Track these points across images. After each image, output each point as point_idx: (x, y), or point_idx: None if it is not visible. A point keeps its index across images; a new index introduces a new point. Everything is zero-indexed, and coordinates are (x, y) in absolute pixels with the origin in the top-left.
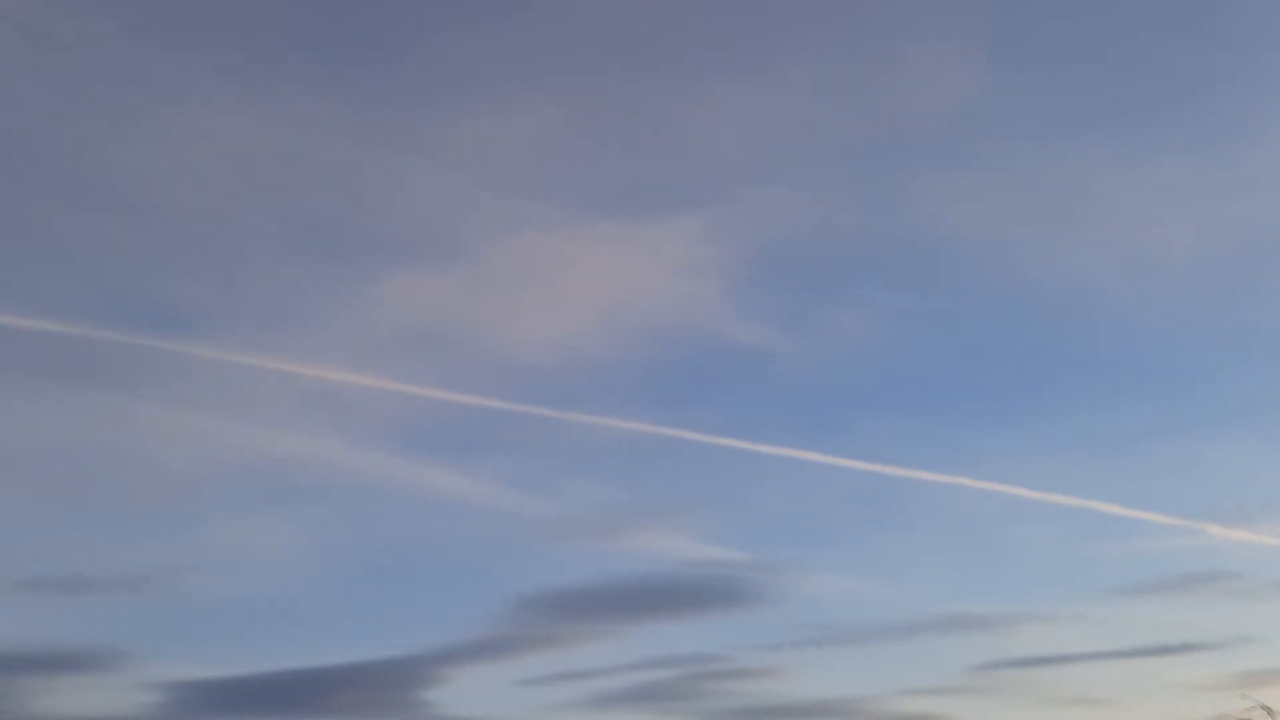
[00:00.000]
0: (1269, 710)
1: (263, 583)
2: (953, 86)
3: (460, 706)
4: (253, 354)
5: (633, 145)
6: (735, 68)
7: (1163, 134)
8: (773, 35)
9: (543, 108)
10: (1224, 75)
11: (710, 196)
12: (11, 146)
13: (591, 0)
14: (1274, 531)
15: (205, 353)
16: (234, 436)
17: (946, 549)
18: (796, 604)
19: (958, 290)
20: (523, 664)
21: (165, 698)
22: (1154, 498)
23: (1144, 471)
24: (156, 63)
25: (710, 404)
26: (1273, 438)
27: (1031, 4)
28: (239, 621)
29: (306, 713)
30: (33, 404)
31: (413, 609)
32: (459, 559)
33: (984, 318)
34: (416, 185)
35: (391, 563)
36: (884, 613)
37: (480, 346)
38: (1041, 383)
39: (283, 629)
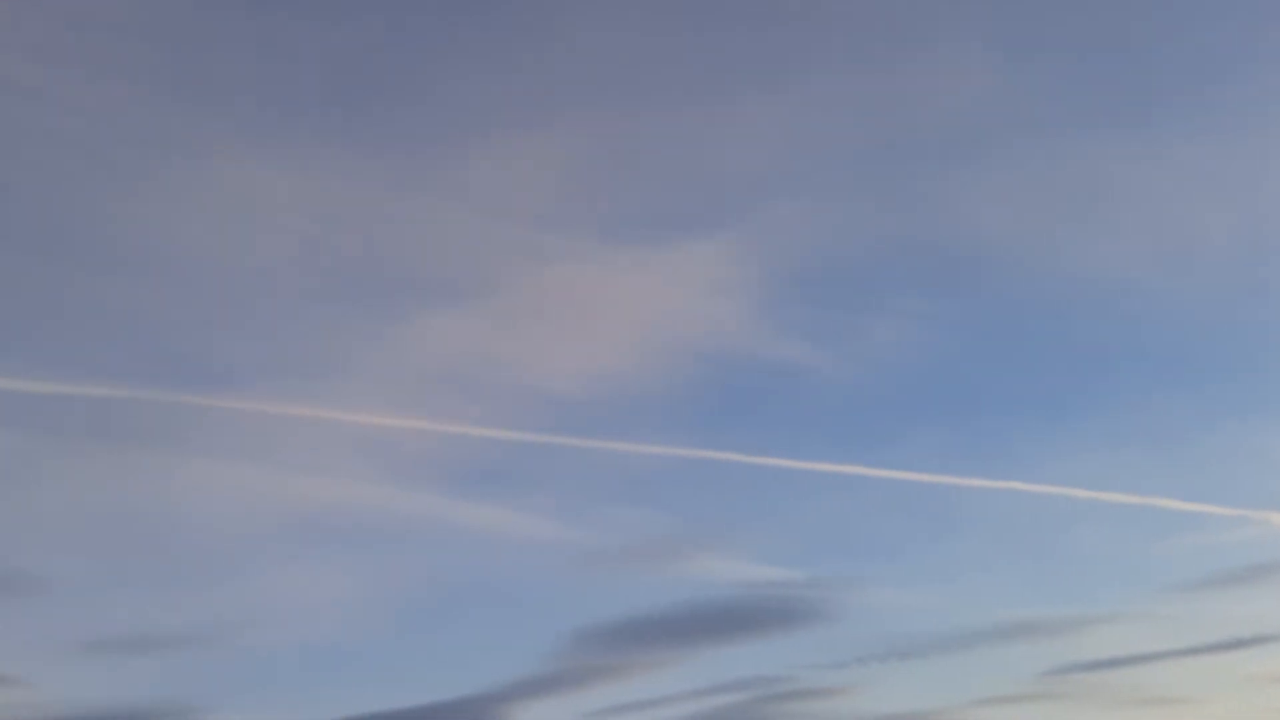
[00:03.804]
0: None
1: (320, 630)
2: (970, 86)
3: None
4: (292, 403)
5: (653, 170)
6: (748, 85)
7: (1191, 121)
8: (783, 50)
9: (560, 139)
10: (1254, 57)
11: (734, 215)
12: (36, 214)
13: (599, 29)
14: None
15: (245, 405)
16: (281, 486)
17: (1005, 555)
18: (856, 620)
19: (992, 292)
20: (586, 697)
21: None
22: (1212, 489)
23: (1199, 464)
24: (173, 121)
25: (751, 424)
26: None
27: None
28: (300, 670)
29: None
30: (80, 468)
31: (470, 648)
32: (511, 595)
33: (1021, 318)
34: (441, 224)
35: (445, 603)
36: (947, 623)
37: (516, 381)
38: (1087, 380)
39: (343, 676)
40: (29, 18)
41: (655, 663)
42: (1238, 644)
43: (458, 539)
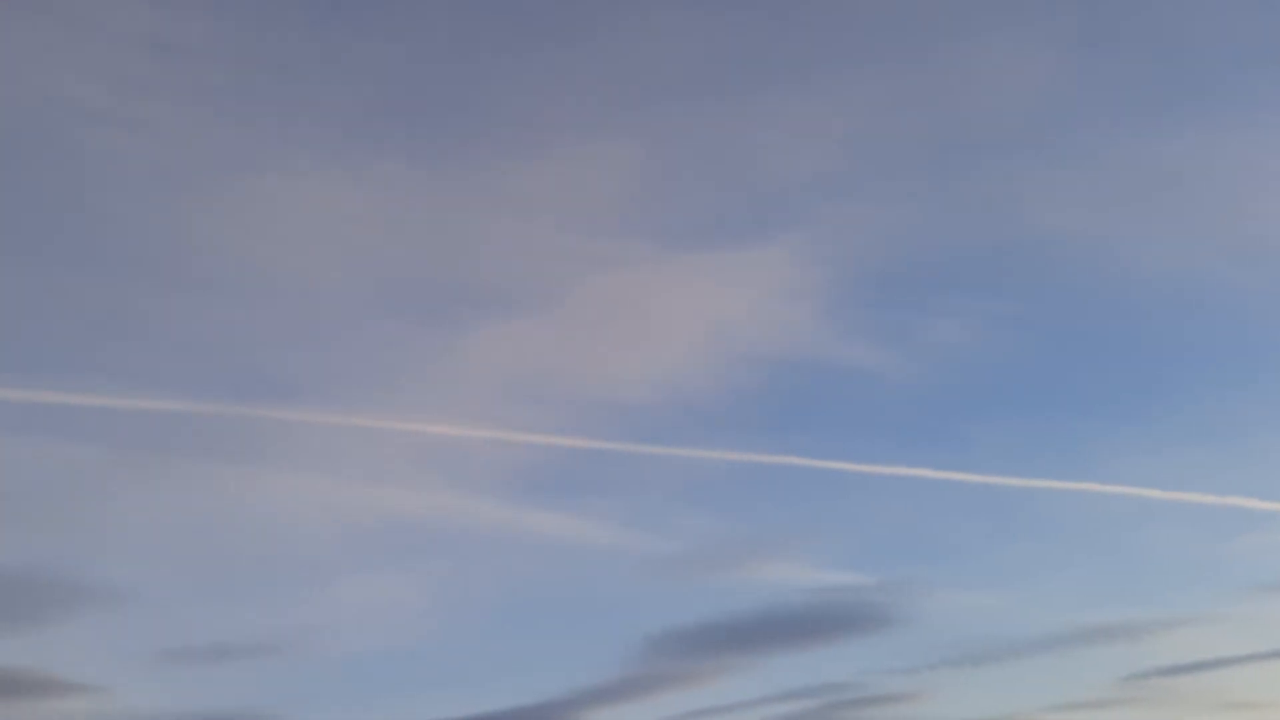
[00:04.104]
0: None
1: (392, 638)
2: (1031, 81)
3: None
4: (362, 415)
5: (712, 175)
6: (805, 86)
7: (1258, 111)
8: (840, 50)
9: (620, 146)
10: None
11: (796, 218)
12: (109, 235)
13: (656, 36)
14: None
15: (317, 417)
16: (353, 497)
17: (1078, 557)
18: (928, 624)
19: (1059, 289)
20: (657, 704)
21: None
22: None
23: (1276, 460)
24: (237, 141)
25: (817, 428)
26: None
27: None
28: (374, 678)
29: None
30: (158, 481)
31: (543, 655)
32: (582, 602)
33: (1090, 315)
34: (502, 235)
35: (515, 610)
36: (1020, 627)
37: (581, 388)
38: (1158, 378)
39: (416, 683)
40: (96, 45)
41: (726, 669)
42: None
43: (528, 547)
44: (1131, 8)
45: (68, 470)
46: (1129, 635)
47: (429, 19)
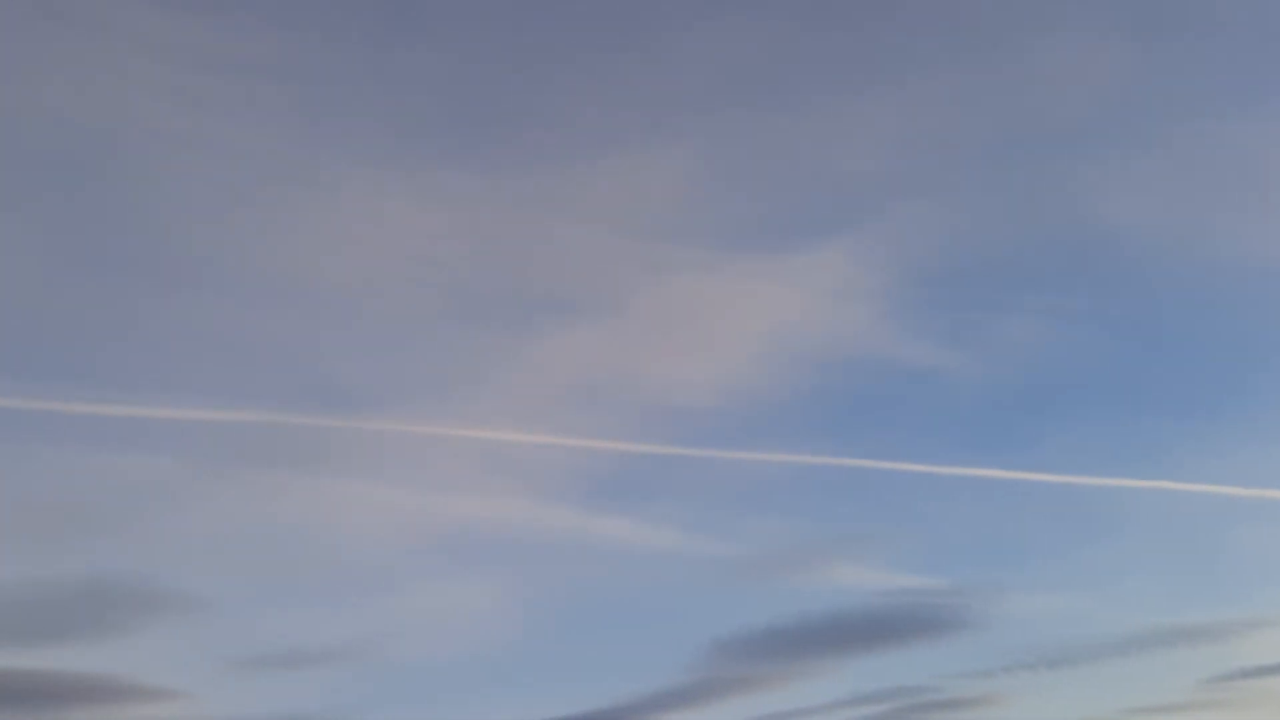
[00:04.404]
0: None
1: (463, 644)
2: (1099, 72)
3: None
4: (430, 423)
5: (770, 175)
6: (863, 84)
7: None
8: (898, 46)
9: (676, 150)
10: None
11: (855, 218)
12: (173, 249)
13: (712, 37)
14: None
15: (386, 426)
16: (422, 504)
17: (1157, 557)
18: (1003, 627)
19: (1133, 283)
20: (727, 709)
21: None
22: None
23: None
24: (307, 156)
25: (884, 429)
26: None
27: None
28: (446, 683)
29: None
30: (235, 491)
31: (611, 660)
32: (649, 607)
33: (1165, 308)
34: (562, 241)
35: (584, 615)
36: (1098, 630)
37: (645, 393)
38: (1238, 373)
39: (487, 688)
40: (159, 63)
41: (796, 674)
42: None
43: (595, 552)
44: None
45: (145, 482)
46: (1210, 636)
47: (483, 28)
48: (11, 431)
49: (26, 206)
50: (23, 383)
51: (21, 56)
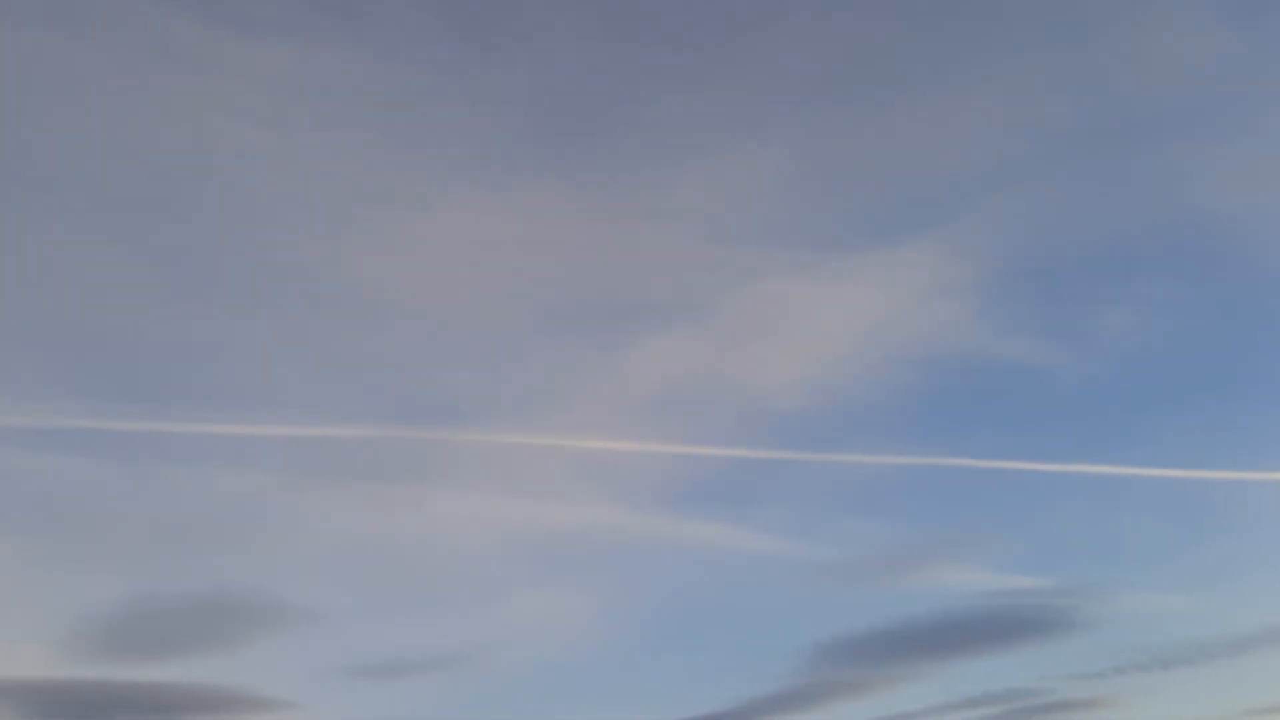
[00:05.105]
0: None
1: (563, 651)
2: (1202, 56)
3: None
4: (525, 433)
5: (862, 173)
6: (956, 76)
7: None
8: (990, 38)
9: (765, 151)
10: None
11: (950, 213)
12: (273, 269)
13: (797, 37)
14: None
15: (485, 437)
16: (522, 513)
17: (1273, 552)
18: (1114, 627)
19: (1236, 270)
20: (833, 713)
21: None
22: None
23: None
24: (391, 173)
25: (986, 427)
26: None
27: None
28: (545, 690)
29: None
30: (337, 505)
31: (713, 665)
32: (750, 612)
33: (1270, 295)
34: (653, 248)
35: (686, 621)
36: (1214, 629)
37: (739, 397)
38: None
39: (587, 694)
40: (262, 95)
41: (901, 677)
42: None
43: (694, 558)
44: None
45: (256, 498)
46: None
47: (564, 39)
48: (130, 452)
49: (135, 236)
50: (138, 405)
51: (125, 92)
